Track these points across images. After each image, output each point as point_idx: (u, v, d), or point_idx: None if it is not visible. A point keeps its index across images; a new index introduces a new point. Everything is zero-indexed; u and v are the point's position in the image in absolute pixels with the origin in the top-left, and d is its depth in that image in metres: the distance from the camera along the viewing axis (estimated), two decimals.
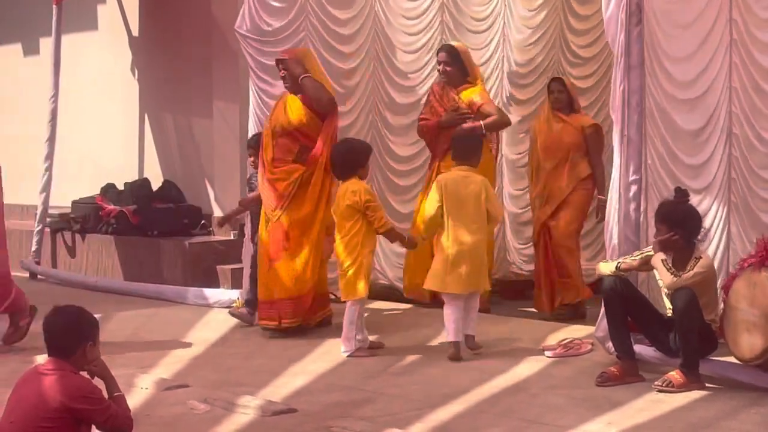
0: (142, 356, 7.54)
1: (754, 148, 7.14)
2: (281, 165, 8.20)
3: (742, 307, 6.26)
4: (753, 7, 7.03)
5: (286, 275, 8.07)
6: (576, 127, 9.06)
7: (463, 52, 9.07)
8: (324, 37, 9.48)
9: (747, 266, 6.35)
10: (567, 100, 9.14)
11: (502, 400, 6.30)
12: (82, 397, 4.46)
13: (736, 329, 6.30)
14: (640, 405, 6.08)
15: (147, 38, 11.81)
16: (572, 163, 9.00)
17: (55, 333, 4.58)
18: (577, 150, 9.02)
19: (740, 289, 6.32)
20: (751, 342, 6.20)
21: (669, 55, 7.30)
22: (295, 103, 8.26)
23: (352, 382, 6.76)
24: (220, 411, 6.14)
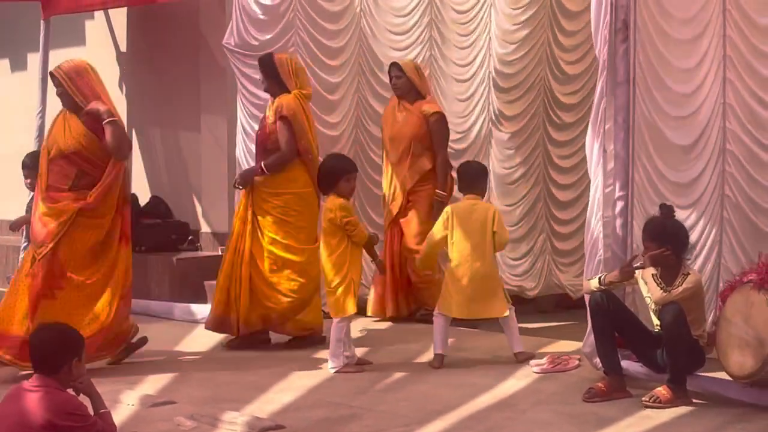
0: (129, 372, 7.51)
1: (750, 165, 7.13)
2: (56, 194, 7.50)
3: (737, 321, 6.20)
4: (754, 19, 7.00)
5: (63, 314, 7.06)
6: (418, 116, 8.76)
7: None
8: (313, 51, 9.49)
9: (746, 281, 6.28)
10: (408, 87, 8.85)
11: (489, 416, 6.29)
12: (67, 413, 4.46)
13: (728, 342, 6.25)
14: (628, 421, 6.08)
15: (135, 53, 11.81)
16: (414, 155, 8.75)
17: (41, 350, 4.57)
18: (419, 141, 8.74)
19: (737, 302, 6.24)
20: (741, 360, 6.16)
21: (663, 71, 7.30)
22: (74, 122, 7.55)
23: (340, 399, 6.75)
24: (207, 427, 6.12)
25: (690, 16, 7.20)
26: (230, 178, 9.98)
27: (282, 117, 8.17)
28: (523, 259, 10.30)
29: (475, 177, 7.84)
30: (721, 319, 6.34)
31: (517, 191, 10.30)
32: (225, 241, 10.23)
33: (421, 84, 8.99)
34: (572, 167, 10.51)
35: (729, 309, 6.30)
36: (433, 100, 9.00)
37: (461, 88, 10.07)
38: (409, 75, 8.92)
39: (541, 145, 10.40)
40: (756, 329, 6.07)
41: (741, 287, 6.27)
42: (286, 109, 8.17)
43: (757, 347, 6.05)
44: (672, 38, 7.22)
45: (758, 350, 6.04)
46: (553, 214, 10.50)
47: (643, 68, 7.20)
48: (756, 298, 6.11)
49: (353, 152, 9.67)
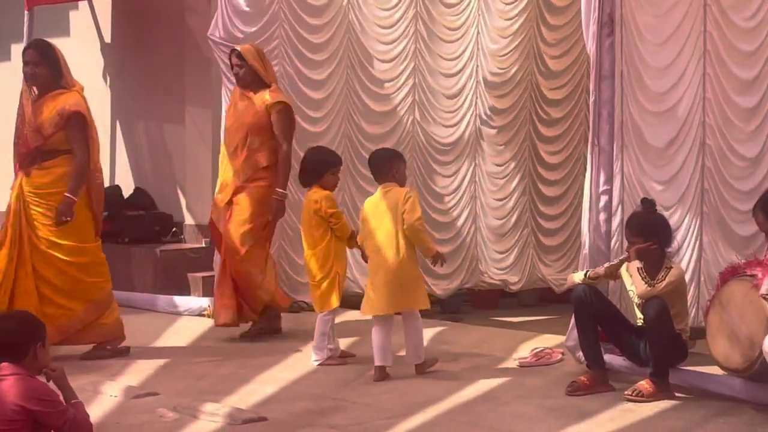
0: (111, 364, 7.49)
1: (727, 160, 7.18)
2: None
3: (731, 312, 6.11)
4: (732, 17, 7.08)
5: None
6: (259, 106, 8.07)
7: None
8: (296, 45, 9.47)
9: (751, 274, 6.08)
10: (251, 75, 8.14)
11: (472, 409, 6.29)
12: (37, 399, 4.47)
13: (719, 327, 6.18)
14: (610, 414, 6.09)
15: (119, 45, 11.76)
16: (250, 149, 8.07)
17: (5, 338, 4.59)
18: (257, 133, 8.05)
19: (736, 292, 6.12)
20: (728, 352, 6.11)
21: (646, 67, 7.35)
22: None
23: (323, 391, 6.74)
24: (189, 419, 6.11)
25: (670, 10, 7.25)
26: (214, 170, 9.95)
27: None
28: (507, 253, 10.32)
29: (383, 163, 7.19)
30: (716, 300, 6.25)
31: (506, 186, 10.32)
32: (208, 232, 10.23)
33: (265, 72, 8.22)
34: (559, 163, 10.55)
35: (726, 295, 6.18)
36: (277, 90, 8.23)
37: (449, 83, 10.07)
38: (252, 63, 8.16)
39: (528, 140, 10.43)
40: (750, 328, 5.97)
41: (743, 278, 6.11)
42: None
43: (746, 347, 5.99)
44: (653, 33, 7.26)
45: (747, 351, 5.98)
46: (538, 209, 10.52)
47: (627, 63, 7.23)
48: (755, 298, 5.97)
49: (342, 146, 9.65)
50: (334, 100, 9.74)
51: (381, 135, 9.86)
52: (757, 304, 5.94)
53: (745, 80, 7.16)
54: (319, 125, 9.60)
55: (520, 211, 10.40)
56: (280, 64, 9.38)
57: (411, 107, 9.97)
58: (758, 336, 5.88)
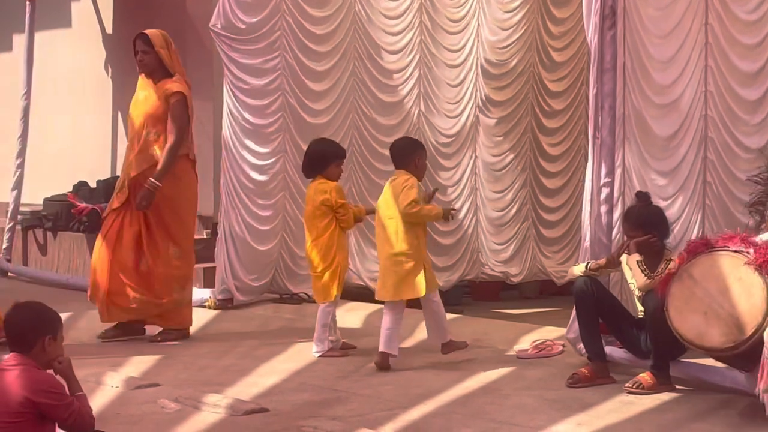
0: (112, 354, 7.49)
1: (732, 152, 7.19)
2: None
3: (709, 288, 5.85)
4: (734, 10, 7.08)
5: None
6: (159, 96, 7.75)
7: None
8: (299, 36, 9.46)
9: (734, 250, 5.86)
10: (155, 63, 7.81)
11: (473, 400, 6.30)
12: (43, 391, 4.46)
13: (688, 302, 5.92)
14: (611, 406, 6.10)
15: (121, 36, 11.75)
16: (147, 140, 7.77)
17: (14, 327, 4.58)
18: (154, 124, 7.74)
19: (716, 267, 5.88)
20: (703, 329, 5.84)
21: (648, 59, 7.36)
22: None
23: (324, 382, 6.75)
24: (190, 410, 6.11)
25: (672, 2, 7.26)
26: (216, 161, 9.97)
27: None
28: (507, 245, 10.33)
29: (403, 153, 7.21)
30: (684, 273, 5.97)
31: (505, 178, 10.33)
32: (210, 224, 10.25)
33: (170, 60, 7.88)
34: (560, 155, 10.56)
35: (699, 269, 5.92)
36: (180, 80, 7.83)
37: (452, 74, 10.08)
38: (158, 49, 7.83)
39: (529, 131, 10.44)
40: (735, 307, 5.75)
41: (725, 253, 5.89)
42: None
43: (731, 326, 5.75)
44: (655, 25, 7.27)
45: (732, 330, 5.74)
46: (539, 200, 10.54)
47: (629, 55, 7.24)
48: (747, 275, 5.77)
49: (351, 137, 9.65)
50: (339, 92, 9.72)
51: (391, 126, 9.87)
52: (747, 281, 5.76)
53: (749, 72, 7.17)
54: (322, 117, 9.59)
55: (520, 203, 10.41)
56: (281, 56, 9.38)
57: (417, 99, 9.98)
58: (749, 316, 5.69)
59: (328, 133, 9.33)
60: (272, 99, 9.39)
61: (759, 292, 5.71)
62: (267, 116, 9.38)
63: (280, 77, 9.40)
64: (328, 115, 9.67)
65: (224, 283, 9.21)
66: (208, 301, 9.18)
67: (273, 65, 9.37)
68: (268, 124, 9.39)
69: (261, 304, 9.34)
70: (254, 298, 9.38)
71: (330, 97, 9.69)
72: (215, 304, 9.15)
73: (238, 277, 9.27)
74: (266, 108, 9.37)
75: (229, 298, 9.23)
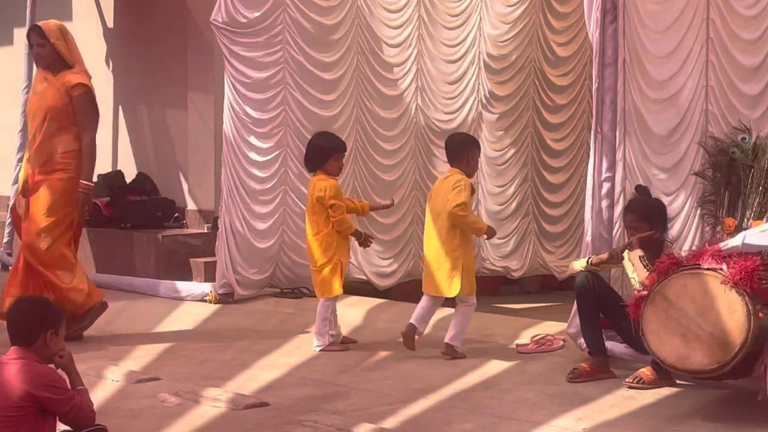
0: (113, 348, 7.50)
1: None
2: None
3: (685, 309, 5.72)
4: (734, 5, 7.08)
5: None
6: (59, 88, 7.48)
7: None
8: (301, 29, 9.44)
9: (707, 268, 5.74)
10: (53, 55, 7.54)
11: (473, 395, 6.30)
12: (44, 385, 4.46)
13: (665, 325, 5.78)
14: (611, 401, 6.10)
15: (122, 29, 11.75)
16: (46, 134, 7.46)
17: (17, 322, 4.59)
18: (55, 117, 7.45)
19: (690, 287, 5.75)
20: (684, 352, 5.73)
21: (648, 54, 7.35)
22: None
23: (324, 377, 6.75)
24: (191, 404, 6.11)
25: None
26: (216, 156, 9.96)
27: None
28: (507, 239, 10.33)
29: (455, 149, 7.33)
30: (657, 295, 5.84)
31: (507, 173, 10.33)
32: (211, 218, 10.25)
33: (68, 52, 7.62)
34: (563, 150, 10.57)
35: (672, 290, 5.79)
36: (80, 71, 7.60)
37: (450, 69, 10.07)
38: (54, 42, 7.55)
39: (531, 126, 10.44)
40: (716, 327, 5.62)
41: (698, 273, 5.76)
42: None
43: (714, 347, 5.63)
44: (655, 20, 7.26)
45: (716, 351, 5.63)
46: (542, 196, 10.54)
47: (630, 50, 7.23)
48: (724, 293, 5.64)
49: (354, 131, 9.64)
50: (344, 86, 9.69)
51: (391, 120, 9.87)
52: (725, 299, 5.62)
53: (749, 67, 7.16)
54: (325, 111, 9.54)
55: (521, 197, 10.41)
56: (284, 49, 9.37)
57: (415, 93, 9.97)
58: (732, 335, 5.58)
59: (332, 128, 9.30)
60: (274, 93, 9.38)
61: (740, 309, 5.60)
62: (269, 110, 9.36)
63: (282, 71, 9.39)
64: (332, 109, 9.64)
65: (225, 278, 9.20)
66: (209, 296, 9.18)
67: (275, 59, 9.36)
68: (270, 119, 9.38)
69: (261, 298, 9.34)
70: (255, 293, 9.38)
71: (334, 91, 9.66)
72: (216, 299, 9.15)
73: (239, 271, 9.26)
74: (268, 102, 9.36)
75: (229, 292, 9.23)
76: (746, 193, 6.23)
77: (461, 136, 8.03)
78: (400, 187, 9.90)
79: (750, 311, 5.58)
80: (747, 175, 6.23)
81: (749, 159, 6.28)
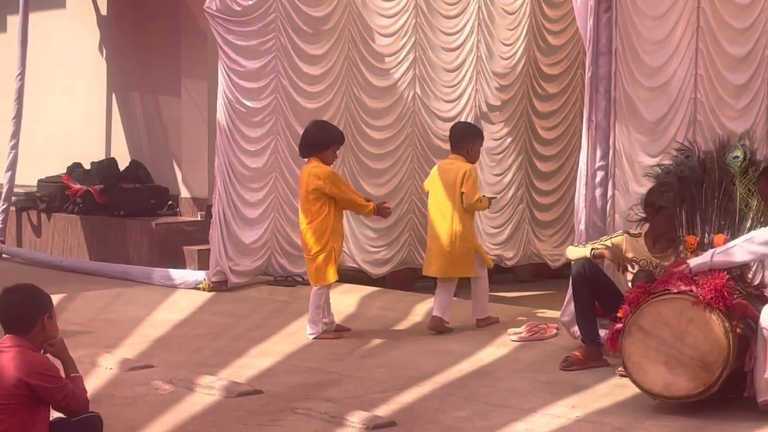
0: (107, 336, 7.50)
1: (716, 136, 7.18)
2: None
3: (663, 336, 5.66)
4: None
5: None
6: None
7: None
8: (293, 19, 9.42)
9: (677, 292, 5.70)
10: None
11: (467, 383, 6.31)
12: (38, 373, 4.45)
13: (645, 356, 5.71)
14: (604, 389, 6.11)
15: (115, 17, 11.72)
16: None
17: (11, 309, 4.56)
18: None
19: (664, 314, 5.70)
20: (669, 379, 5.66)
21: (640, 41, 7.35)
22: None
23: (318, 364, 6.76)
24: (185, 391, 6.12)
25: None
26: (210, 144, 9.95)
27: None
28: (503, 228, 10.33)
29: (458, 137, 7.75)
30: (633, 327, 5.76)
31: (503, 162, 10.34)
32: (204, 206, 10.24)
33: None
34: (555, 138, 10.56)
35: (647, 320, 5.72)
36: None
37: (449, 57, 10.06)
38: None
39: (525, 115, 10.44)
40: (696, 349, 5.58)
41: (669, 298, 5.72)
42: None
43: (697, 369, 5.58)
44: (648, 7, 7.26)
45: (699, 374, 5.58)
46: (534, 184, 10.54)
47: (622, 37, 7.23)
48: (699, 315, 5.60)
49: (344, 121, 9.62)
50: (335, 75, 9.67)
51: (381, 110, 9.85)
52: (704, 324, 5.58)
53: (737, 57, 7.18)
54: (317, 100, 9.54)
55: (516, 186, 10.42)
56: (276, 38, 9.35)
57: (412, 82, 9.95)
58: (713, 355, 5.55)
59: (323, 116, 9.28)
60: (267, 81, 9.36)
61: (717, 328, 5.58)
62: (261, 99, 9.35)
63: (275, 59, 9.37)
64: (324, 98, 9.62)
65: (218, 265, 9.20)
66: (203, 284, 9.17)
67: (268, 47, 9.34)
68: (262, 107, 9.36)
69: (255, 286, 9.34)
70: (248, 281, 9.38)
71: (325, 80, 9.64)
72: (209, 286, 9.15)
73: (232, 259, 9.26)
74: (261, 91, 9.34)
75: (223, 280, 9.23)
76: (702, 208, 6.22)
77: (465, 125, 8.37)
78: (395, 176, 9.88)
79: (727, 329, 5.57)
80: (699, 191, 6.22)
81: (698, 175, 6.26)
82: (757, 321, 5.65)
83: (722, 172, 6.18)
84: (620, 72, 7.32)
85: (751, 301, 5.79)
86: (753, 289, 6.00)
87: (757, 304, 5.82)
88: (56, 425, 4.59)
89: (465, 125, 8.39)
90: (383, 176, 9.86)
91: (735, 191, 6.14)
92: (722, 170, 6.18)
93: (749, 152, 6.27)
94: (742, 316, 5.69)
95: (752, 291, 5.97)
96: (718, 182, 6.17)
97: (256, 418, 5.64)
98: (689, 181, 6.26)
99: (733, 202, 6.14)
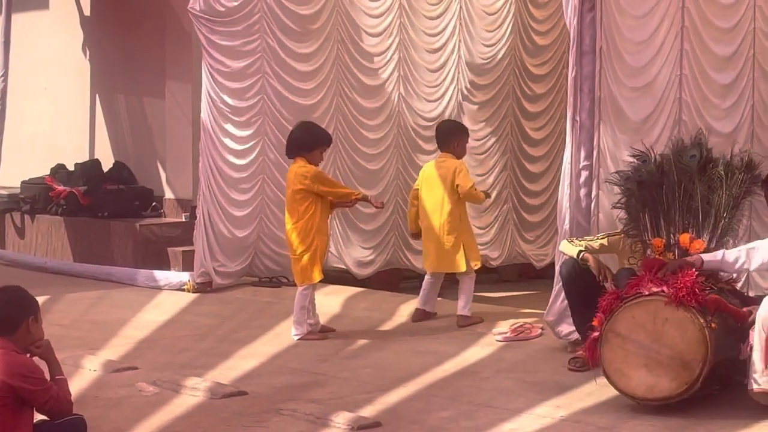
0: (91, 338, 7.48)
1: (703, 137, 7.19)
2: None
3: (639, 339, 5.66)
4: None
5: None
6: None
7: None
8: (280, 18, 9.40)
9: (649, 294, 5.71)
10: None
11: (452, 383, 6.31)
12: (21, 375, 4.43)
13: (626, 361, 5.70)
14: (589, 389, 6.11)
15: (99, 17, 11.69)
16: None
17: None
18: None
19: (638, 318, 5.70)
20: (650, 381, 5.65)
21: (624, 41, 7.35)
22: None
23: (303, 365, 6.75)
24: (169, 393, 6.10)
25: None
26: (194, 145, 9.92)
27: None
28: (488, 228, 10.33)
29: (445, 135, 8.01)
30: (609, 333, 5.74)
31: (486, 162, 10.33)
32: (189, 207, 10.22)
33: None
34: (542, 139, 10.56)
35: (623, 325, 5.71)
36: None
37: (432, 58, 10.05)
38: None
39: (511, 115, 10.43)
40: (674, 349, 5.59)
41: (641, 300, 5.72)
42: None
43: (677, 369, 5.59)
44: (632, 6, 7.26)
45: (680, 372, 5.59)
46: (522, 185, 10.53)
47: (606, 37, 7.23)
48: (672, 314, 5.62)
49: (335, 120, 9.60)
50: (324, 75, 9.64)
51: (373, 109, 9.83)
52: (678, 321, 5.60)
53: (722, 56, 7.18)
54: (305, 100, 9.49)
55: (500, 186, 10.41)
56: (261, 38, 9.33)
57: (397, 82, 9.95)
58: (691, 353, 5.56)
59: (312, 116, 9.26)
60: (252, 81, 9.34)
61: (691, 326, 5.60)
62: (247, 99, 9.33)
63: (260, 60, 9.35)
64: (312, 98, 9.59)
65: (203, 267, 9.18)
66: (187, 285, 9.15)
67: (253, 47, 9.31)
68: (248, 107, 9.34)
69: (240, 287, 9.33)
70: (233, 282, 9.37)
71: (314, 80, 9.61)
72: (194, 288, 9.13)
73: (217, 260, 9.24)
74: (246, 91, 9.32)
75: (207, 281, 9.21)
76: (665, 210, 6.24)
77: (449, 123, 8.62)
78: (384, 177, 9.88)
79: (702, 325, 5.59)
80: (660, 194, 6.24)
81: (657, 178, 6.29)
82: (733, 315, 5.73)
83: (680, 173, 6.23)
84: (605, 71, 7.31)
85: (723, 296, 5.81)
86: (724, 284, 6.03)
87: (730, 298, 5.87)
88: (40, 427, 4.57)
89: (449, 122, 8.64)
90: (376, 176, 9.82)
91: (695, 189, 6.18)
92: (680, 171, 6.23)
93: (705, 149, 6.30)
94: (716, 311, 5.71)
95: (723, 286, 6.00)
96: (677, 183, 6.21)
97: (241, 420, 5.63)
98: (649, 185, 6.29)
99: (695, 200, 6.19)
